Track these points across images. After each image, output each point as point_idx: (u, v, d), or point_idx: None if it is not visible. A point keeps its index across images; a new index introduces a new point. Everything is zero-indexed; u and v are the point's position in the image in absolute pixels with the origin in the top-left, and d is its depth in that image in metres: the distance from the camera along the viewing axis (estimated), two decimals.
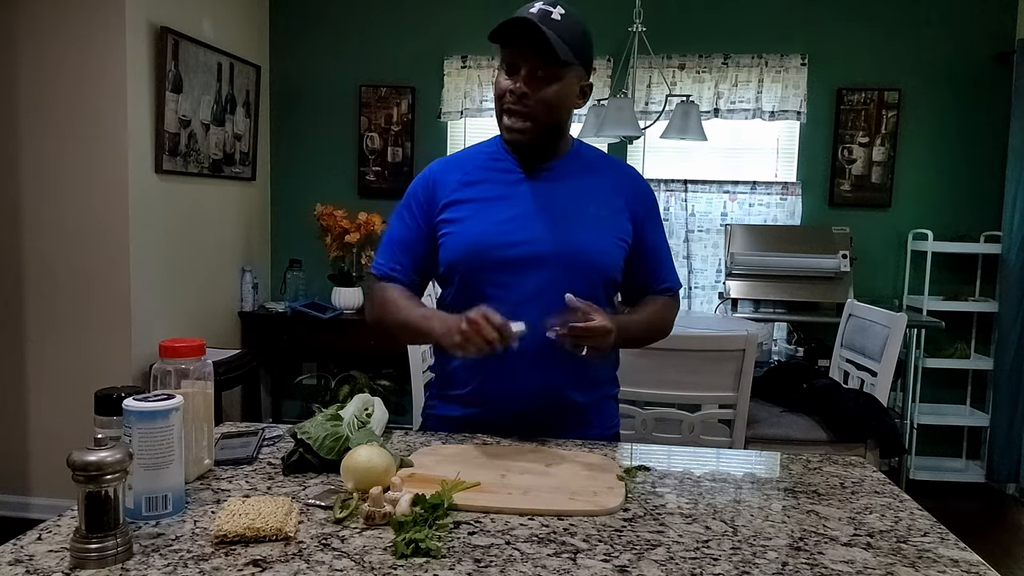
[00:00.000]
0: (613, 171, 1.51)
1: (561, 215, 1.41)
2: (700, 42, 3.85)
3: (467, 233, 1.42)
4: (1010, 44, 3.70)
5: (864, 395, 2.47)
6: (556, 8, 1.33)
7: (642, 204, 1.50)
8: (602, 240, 1.43)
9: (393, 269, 1.49)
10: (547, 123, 1.39)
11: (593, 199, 1.44)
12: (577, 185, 1.45)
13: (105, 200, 2.98)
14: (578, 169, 1.47)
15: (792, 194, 3.89)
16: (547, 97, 1.36)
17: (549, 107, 1.37)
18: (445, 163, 1.52)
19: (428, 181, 1.49)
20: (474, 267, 1.41)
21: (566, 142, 1.49)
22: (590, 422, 1.48)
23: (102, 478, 0.84)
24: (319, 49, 4.12)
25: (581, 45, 1.36)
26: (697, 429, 2.21)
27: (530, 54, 1.33)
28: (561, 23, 1.32)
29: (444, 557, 0.89)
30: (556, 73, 1.34)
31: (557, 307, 1.36)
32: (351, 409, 1.26)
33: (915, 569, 0.90)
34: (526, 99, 1.35)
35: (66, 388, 3.04)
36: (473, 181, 1.45)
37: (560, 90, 1.36)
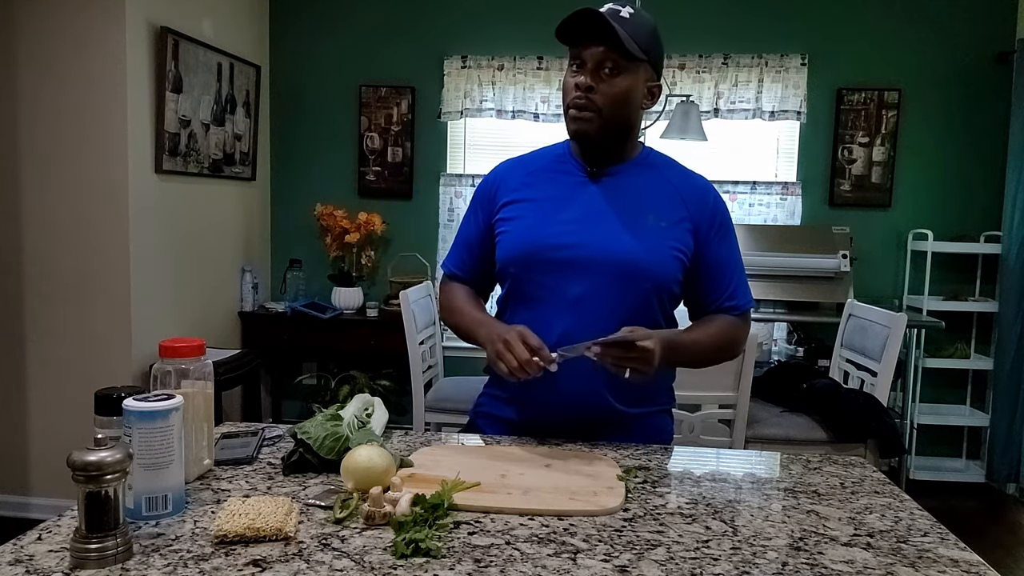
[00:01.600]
0: (680, 181, 1.45)
1: (617, 221, 1.38)
2: (700, 42, 3.85)
3: (519, 233, 1.41)
4: (1010, 44, 3.70)
5: (864, 395, 2.47)
6: (625, 8, 1.34)
7: (708, 216, 1.42)
8: (656, 250, 1.38)
9: (458, 268, 1.54)
10: (613, 119, 1.36)
11: (654, 207, 1.40)
12: (639, 192, 1.41)
13: (105, 200, 2.98)
14: (643, 175, 1.44)
15: (792, 194, 3.89)
16: (614, 92, 1.34)
17: (615, 102, 1.34)
18: (512, 163, 1.53)
19: (493, 180, 1.50)
20: (524, 267, 1.40)
21: (634, 146, 1.46)
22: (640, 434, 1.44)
23: (102, 478, 0.84)
24: (319, 49, 4.12)
25: (650, 44, 1.35)
26: (697, 429, 2.22)
27: (598, 48, 1.32)
28: (630, 20, 1.32)
29: (444, 557, 0.89)
30: (624, 68, 1.33)
31: (605, 313, 1.35)
32: (351, 409, 1.26)
33: (915, 569, 0.90)
34: (592, 92, 1.33)
35: (66, 388, 3.04)
36: (534, 182, 1.45)
37: (627, 87, 1.34)
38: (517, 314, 1.41)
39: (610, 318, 1.33)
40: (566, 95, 1.38)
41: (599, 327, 1.30)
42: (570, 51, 1.37)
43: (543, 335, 1.30)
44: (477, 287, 1.54)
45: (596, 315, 1.35)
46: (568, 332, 1.34)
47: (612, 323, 1.30)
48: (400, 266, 4.03)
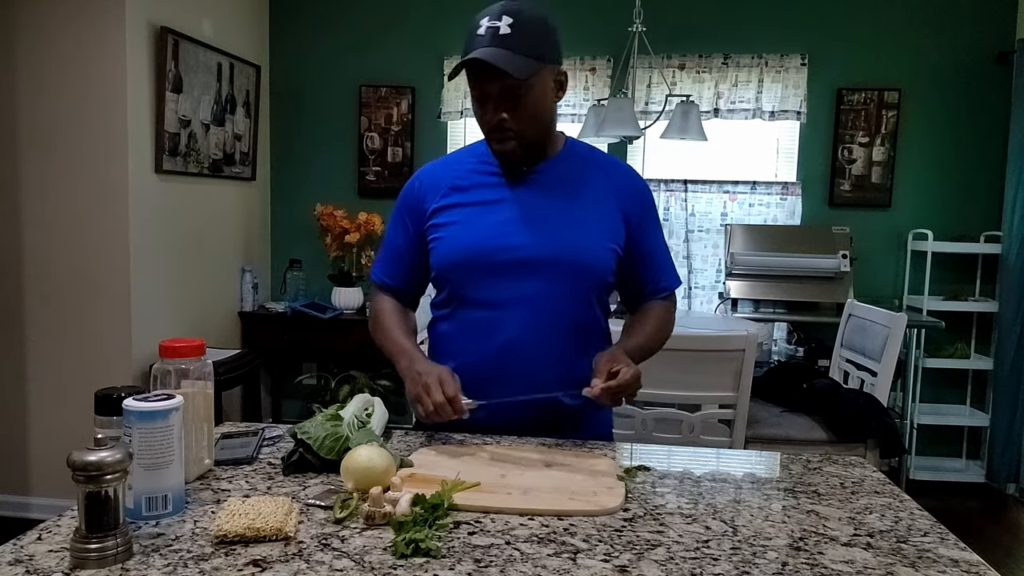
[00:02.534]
0: (606, 171, 1.48)
1: (550, 218, 1.40)
2: (700, 42, 3.85)
3: (456, 239, 1.41)
4: (1010, 44, 3.70)
5: (864, 395, 2.47)
6: (503, 20, 1.30)
7: (636, 204, 1.47)
8: (592, 243, 1.41)
9: (388, 277, 1.53)
10: (533, 133, 1.38)
11: (583, 201, 1.43)
12: (567, 187, 1.43)
13: (105, 200, 2.98)
14: (569, 170, 1.45)
15: (792, 194, 3.89)
16: (526, 113, 1.35)
17: (531, 120, 1.36)
18: (434, 167, 1.51)
19: (417, 187, 1.48)
20: (465, 272, 1.41)
21: (556, 141, 1.47)
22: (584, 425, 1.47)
23: (102, 478, 0.84)
24: (319, 49, 4.12)
25: (541, 44, 1.33)
26: (697, 429, 2.21)
27: (493, 82, 1.32)
28: (512, 35, 1.29)
29: (444, 557, 0.89)
30: (524, 87, 1.32)
31: (550, 309, 1.38)
32: (351, 409, 1.26)
33: (915, 569, 0.90)
34: (505, 123, 1.35)
35: (66, 388, 3.04)
36: (462, 186, 1.44)
37: (533, 100, 1.35)
38: (464, 318, 1.43)
39: (555, 314, 1.38)
40: (480, 122, 1.39)
41: (545, 325, 1.37)
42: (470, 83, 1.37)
43: (490, 337, 1.37)
44: (407, 296, 1.54)
45: (542, 313, 1.38)
46: (518, 333, 1.38)
47: (558, 319, 1.38)
48: None
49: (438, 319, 1.50)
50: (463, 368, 1.40)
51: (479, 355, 1.40)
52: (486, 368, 1.39)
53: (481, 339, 1.40)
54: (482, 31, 1.31)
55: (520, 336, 1.38)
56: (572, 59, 3.87)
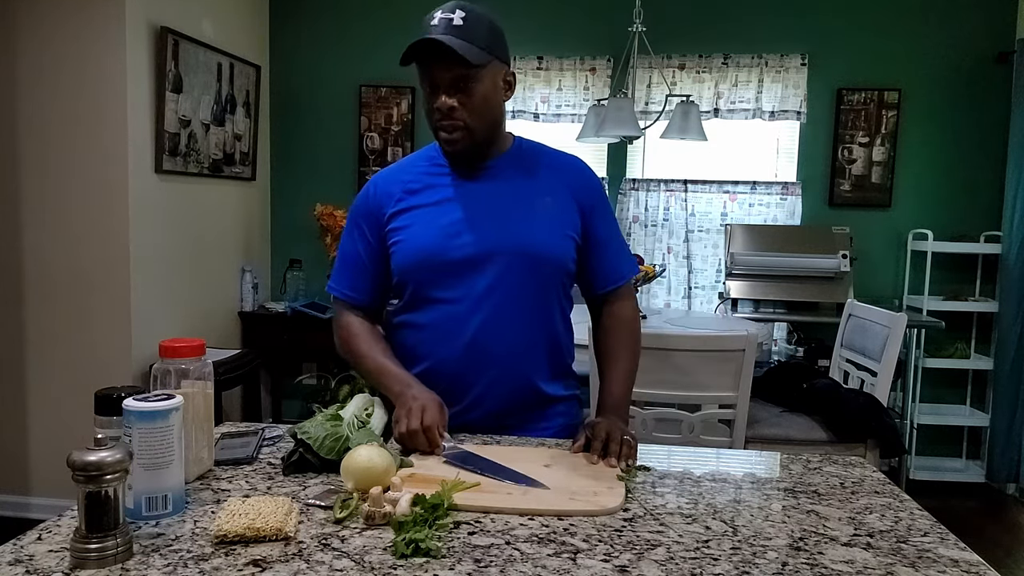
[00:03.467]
0: (557, 165, 1.50)
1: (506, 213, 1.41)
2: (700, 42, 3.85)
3: (414, 240, 1.41)
4: (1010, 44, 3.70)
5: (864, 395, 2.47)
6: (456, 13, 1.33)
7: (588, 195, 1.48)
8: (551, 234, 1.42)
9: (352, 290, 1.50)
10: (481, 127, 1.38)
11: (538, 194, 1.44)
12: (520, 181, 1.45)
13: (105, 200, 2.98)
14: (520, 165, 1.47)
15: (792, 194, 3.89)
16: (475, 103, 1.35)
17: (479, 111, 1.36)
18: (386, 174, 1.50)
19: (371, 195, 1.47)
20: (425, 272, 1.41)
21: (504, 139, 1.48)
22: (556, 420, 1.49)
23: (102, 478, 0.84)
24: (319, 49, 4.12)
25: (490, 40, 1.36)
26: (697, 429, 2.21)
27: (444, 68, 1.34)
28: (465, 27, 1.32)
29: (444, 557, 0.89)
30: (474, 77, 1.34)
31: (512, 303, 1.40)
32: (351, 409, 1.26)
33: (915, 569, 0.90)
34: (455, 111, 1.35)
35: (66, 388, 3.04)
36: (415, 189, 1.45)
37: (483, 93, 1.36)
38: (426, 316, 1.43)
39: (518, 308, 1.40)
40: (430, 117, 1.40)
41: (508, 319, 1.39)
42: (420, 73, 1.40)
43: (457, 335, 1.39)
44: (373, 310, 1.51)
45: (504, 307, 1.39)
46: (483, 328, 1.39)
47: (522, 311, 1.40)
48: None
49: (399, 325, 1.49)
50: (432, 370, 1.42)
51: (447, 354, 1.41)
52: (455, 366, 1.41)
53: (447, 339, 1.41)
54: (435, 22, 1.34)
55: (485, 331, 1.39)
56: (572, 59, 3.87)
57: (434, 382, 1.40)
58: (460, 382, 1.41)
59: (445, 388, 1.39)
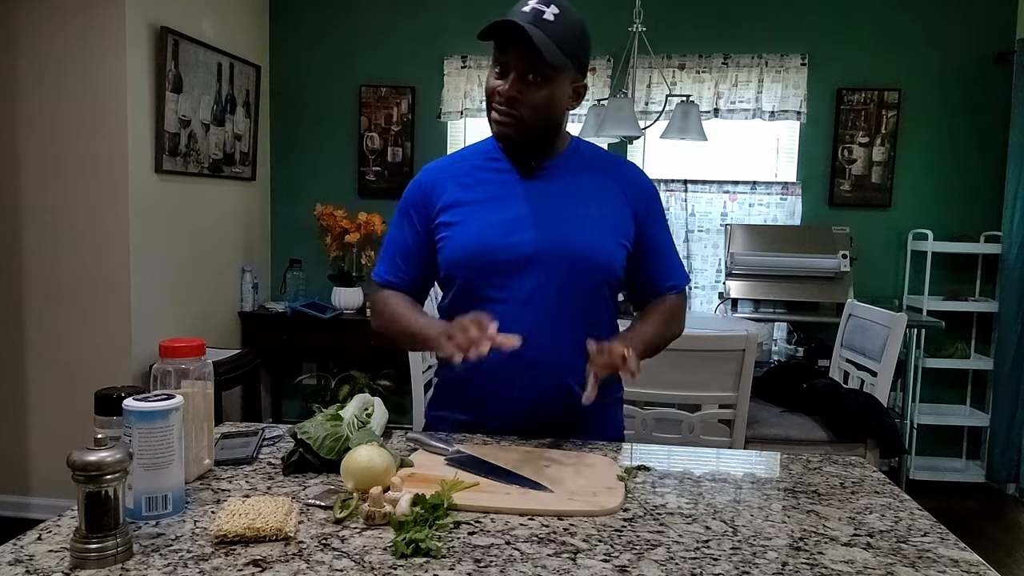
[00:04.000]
0: (613, 169, 1.48)
1: (559, 215, 1.39)
2: (700, 42, 3.85)
3: (464, 237, 1.40)
4: (1010, 44, 3.70)
5: (864, 395, 2.47)
6: (550, 7, 1.28)
7: (643, 201, 1.46)
8: (602, 239, 1.41)
9: (394, 276, 1.48)
10: (536, 125, 1.35)
11: (592, 198, 1.42)
12: (575, 184, 1.43)
13: (105, 200, 2.98)
14: (576, 167, 1.45)
15: (792, 194, 3.89)
16: (536, 102, 1.32)
17: (539, 112, 1.34)
18: (440, 165, 1.49)
19: (423, 185, 1.46)
20: (473, 270, 1.39)
21: (562, 140, 1.46)
22: (595, 428, 1.45)
23: (102, 478, 0.84)
24: (319, 49, 4.12)
25: (575, 46, 1.32)
26: (697, 429, 2.21)
27: (520, 58, 1.29)
28: (554, 24, 1.28)
29: (444, 557, 0.89)
30: (547, 76, 1.31)
31: (559, 307, 1.37)
32: (351, 409, 1.25)
33: (915, 569, 0.90)
34: (514, 102, 1.32)
35: (66, 388, 3.03)
36: (468, 183, 1.43)
37: (550, 94, 1.33)
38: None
39: (564, 312, 1.38)
40: (489, 97, 1.37)
41: (553, 322, 1.37)
42: (494, 51, 1.34)
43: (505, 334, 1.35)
44: (414, 295, 1.50)
45: (551, 310, 1.37)
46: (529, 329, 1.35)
47: (568, 314, 1.37)
48: None
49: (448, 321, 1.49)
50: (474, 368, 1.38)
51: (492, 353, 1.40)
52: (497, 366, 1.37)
53: None
54: (527, 9, 1.29)
55: (531, 332, 1.34)
56: None
57: (475, 381, 1.40)
58: (501, 382, 1.39)
59: (486, 388, 1.40)
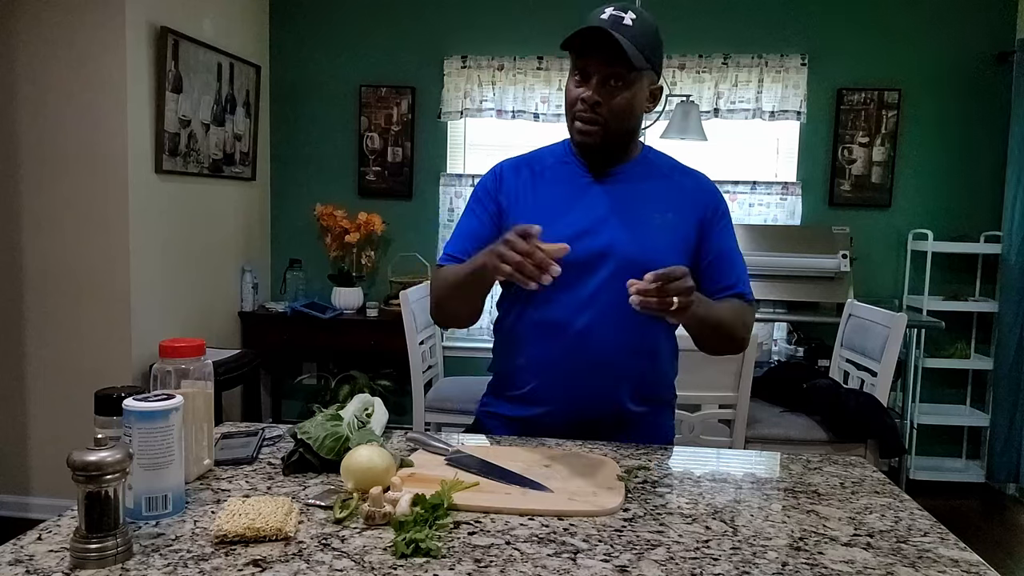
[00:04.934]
0: (680, 177, 1.50)
1: (625, 219, 1.41)
2: (700, 42, 3.85)
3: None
4: (1010, 44, 3.70)
5: (864, 395, 2.47)
6: (628, 13, 1.33)
7: (709, 210, 1.47)
8: (665, 246, 1.41)
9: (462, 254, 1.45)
10: (618, 129, 1.38)
11: (658, 205, 1.44)
12: (644, 190, 1.45)
13: (105, 200, 2.98)
14: (646, 174, 1.47)
15: (792, 194, 3.89)
16: (620, 105, 1.35)
17: (621, 115, 1.37)
18: (515, 163, 1.52)
19: (498, 178, 1.50)
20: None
21: (635, 146, 1.48)
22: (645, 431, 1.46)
23: (102, 478, 0.84)
24: (319, 49, 4.12)
25: (653, 49, 1.36)
26: (697, 429, 2.22)
27: (603, 62, 1.33)
28: (633, 28, 1.32)
29: (444, 557, 0.89)
30: (628, 79, 1.34)
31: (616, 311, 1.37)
32: (351, 409, 1.25)
33: (915, 569, 0.90)
34: (599, 107, 1.35)
35: (66, 388, 3.03)
36: (540, 182, 1.47)
37: (632, 97, 1.36)
38: (532, 312, 1.43)
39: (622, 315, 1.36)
40: (570, 105, 1.39)
41: (612, 324, 1.37)
42: (574, 60, 1.38)
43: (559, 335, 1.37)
44: None
45: (610, 312, 1.38)
46: (585, 330, 1.38)
47: (624, 320, 1.35)
48: (400, 266, 4.03)
49: (505, 315, 1.50)
50: (527, 365, 1.43)
51: (544, 354, 1.41)
52: (550, 367, 1.40)
53: (547, 338, 1.41)
54: (605, 16, 1.33)
55: (585, 337, 1.38)
56: None
57: (526, 378, 1.42)
58: (551, 383, 1.41)
59: (535, 386, 1.41)
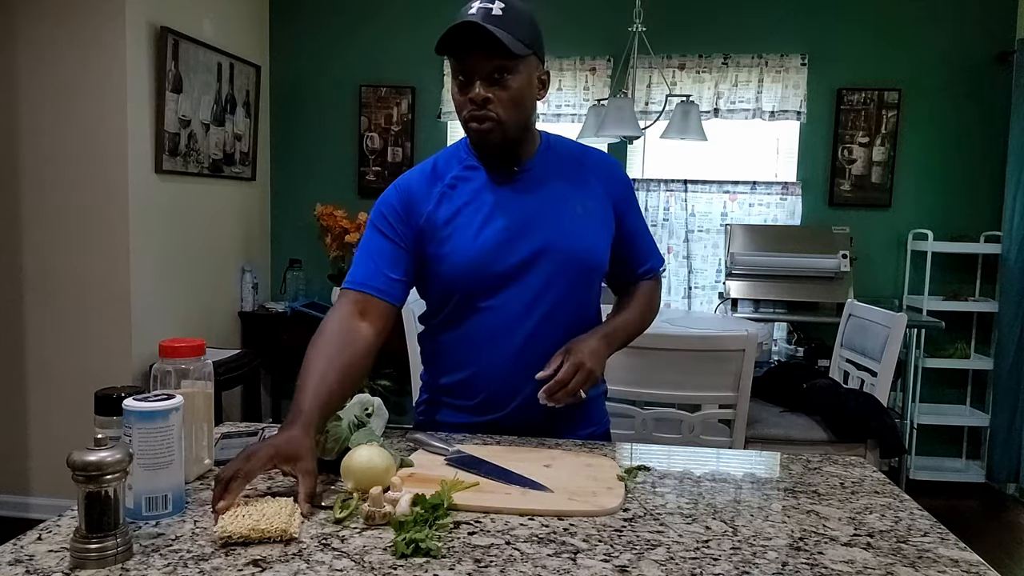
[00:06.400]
0: (588, 161, 1.48)
1: (550, 218, 1.39)
2: (700, 42, 3.85)
3: (461, 253, 1.36)
4: (1010, 44, 3.70)
5: (864, 395, 2.47)
6: (495, 3, 1.28)
7: (620, 190, 1.49)
8: (592, 237, 1.43)
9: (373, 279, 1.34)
10: (513, 122, 1.33)
11: (575, 194, 1.43)
12: (558, 184, 1.42)
13: (105, 200, 2.98)
14: (554, 165, 1.44)
15: (792, 194, 3.89)
16: (510, 97, 1.31)
17: (513, 106, 1.31)
18: (419, 174, 1.42)
19: (404, 194, 1.39)
20: (473, 284, 1.37)
21: (535, 138, 1.44)
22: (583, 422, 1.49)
23: (102, 478, 0.84)
24: (319, 49, 4.12)
25: (531, 34, 1.31)
26: (697, 429, 2.21)
27: (482, 57, 1.28)
28: (504, 17, 1.27)
29: (444, 557, 0.89)
30: (512, 69, 1.30)
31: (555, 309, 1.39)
32: (351, 409, 1.25)
33: (915, 569, 0.90)
34: (489, 103, 1.30)
35: (66, 388, 3.04)
36: (449, 193, 1.39)
37: (520, 87, 1.32)
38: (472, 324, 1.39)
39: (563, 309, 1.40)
40: (460, 109, 1.34)
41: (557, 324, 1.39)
42: (453, 63, 1.33)
43: (506, 342, 1.38)
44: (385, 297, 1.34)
45: (553, 312, 1.39)
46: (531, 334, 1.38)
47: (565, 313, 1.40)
48: None
49: (438, 333, 1.45)
50: (475, 377, 1.42)
51: (492, 362, 1.40)
52: (501, 373, 1.40)
53: (493, 346, 1.39)
54: (473, 10, 1.28)
55: (535, 338, 1.38)
56: (572, 59, 3.87)
57: (476, 390, 1.41)
58: (505, 388, 1.40)
59: (489, 396, 1.41)
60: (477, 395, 1.43)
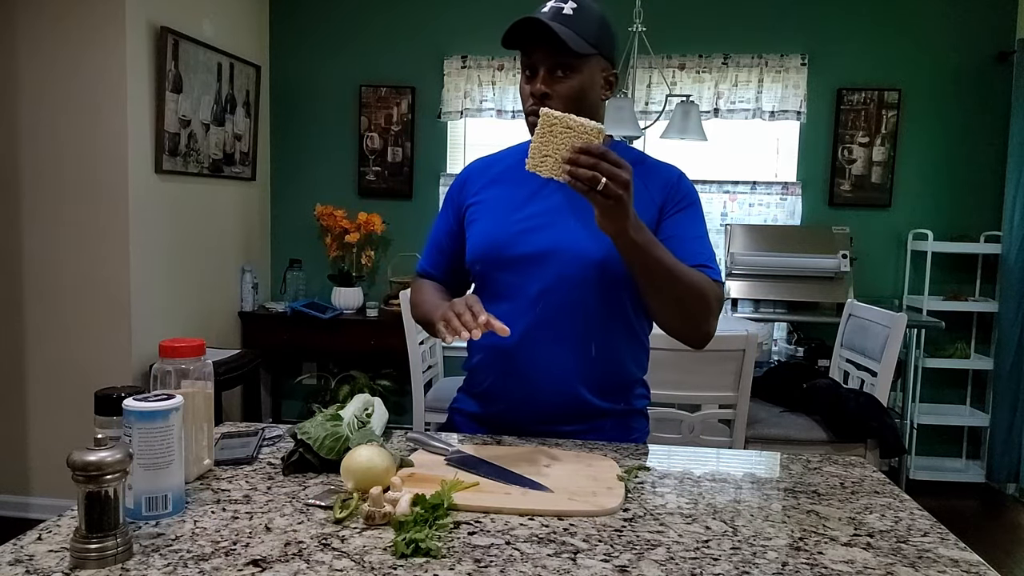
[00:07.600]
0: (643, 168, 1.43)
1: (579, 217, 1.38)
2: (700, 42, 3.85)
3: (480, 232, 1.44)
4: (1010, 44, 3.70)
5: (864, 395, 2.47)
6: (568, 3, 1.32)
7: (672, 195, 1.41)
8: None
9: (430, 266, 1.57)
10: None
11: None
12: None
13: (105, 200, 2.98)
14: None
15: (792, 194, 3.89)
16: (568, 93, 1.33)
17: (572, 102, 1.32)
18: (480, 163, 1.55)
19: (461, 180, 1.53)
20: (487, 265, 1.43)
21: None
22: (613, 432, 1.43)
23: (102, 478, 0.84)
24: (319, 49, 4.12)
25: (599, 35, 1.34)
26: (697, 429, 2.22)
27: (545, 54, 1.32)
28: (574, 17, 1.31)
29: (444, 557, 0.89)
30: (574, 67, 1.32)
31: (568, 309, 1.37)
32: (351, 409, 1.25)
33: (915, 569, 0.90)
34: (547, 98, 1.33)
35: (66, 388, 3.04)
36: (499, 181, 1.47)
37: (580, 85, 1.33)
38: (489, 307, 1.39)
39: (575, 314, 1.38)
40: (524, 102, 1.38)
41: (562, 323, 1.37)
42: (520, 58, 1.37)
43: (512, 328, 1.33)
44: (450, 285, 1.55)
45: (559, 311, 1.37)
46: (530, 328, 1.37)
47: (577, 319, 1.37)
48: (400, 266, 4.03)
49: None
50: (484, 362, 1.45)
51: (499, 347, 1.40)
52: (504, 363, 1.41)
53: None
54: (546, 9, 1.33)
55: (532, 333, 1.37)
56: None
57: (484, 375, 1.45)
58: (507, 379, 1.41)
59: (492, 383, 1.43)
60: (484, 382, 1.46)
